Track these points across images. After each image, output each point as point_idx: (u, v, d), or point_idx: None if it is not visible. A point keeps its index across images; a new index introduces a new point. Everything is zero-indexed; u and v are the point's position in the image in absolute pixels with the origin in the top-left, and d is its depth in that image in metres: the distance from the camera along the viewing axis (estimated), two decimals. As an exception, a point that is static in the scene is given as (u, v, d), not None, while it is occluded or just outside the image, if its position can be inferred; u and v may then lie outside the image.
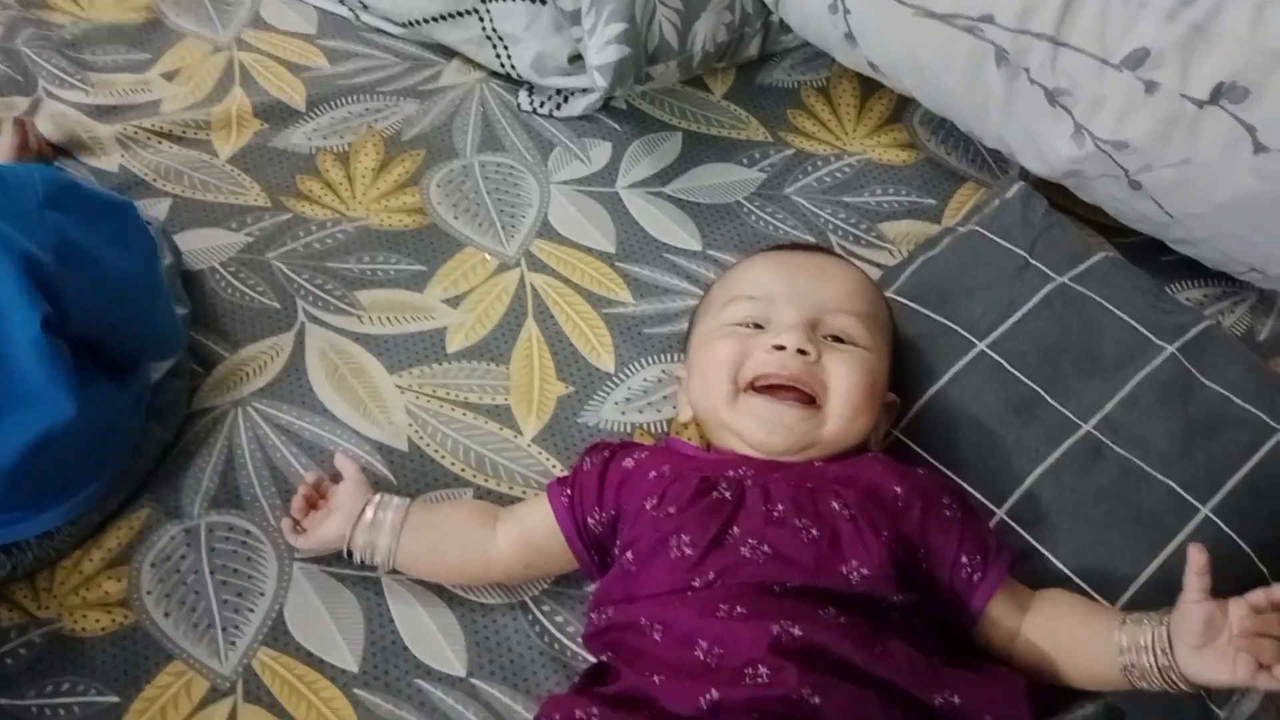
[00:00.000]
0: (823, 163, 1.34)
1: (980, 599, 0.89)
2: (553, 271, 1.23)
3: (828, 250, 1.19)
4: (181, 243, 1.21)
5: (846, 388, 0.96)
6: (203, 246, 1.23)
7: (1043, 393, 1.04)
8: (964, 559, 0.89)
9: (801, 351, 0.95)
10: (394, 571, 1.00)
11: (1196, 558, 0.81)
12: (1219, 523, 0.95)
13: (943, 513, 0.91)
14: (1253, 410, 1.02)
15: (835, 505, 0.89)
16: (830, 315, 0.99)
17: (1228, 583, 0.94)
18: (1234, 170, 1.07)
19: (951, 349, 1.07)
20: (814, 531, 0.87)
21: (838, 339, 0.98)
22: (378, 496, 1.00)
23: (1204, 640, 0.79)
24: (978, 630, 0.90)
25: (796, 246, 1.14)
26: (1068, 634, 0.89)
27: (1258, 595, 0.79)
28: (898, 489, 0.91)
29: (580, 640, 0.97)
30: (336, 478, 1.02)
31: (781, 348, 0.96)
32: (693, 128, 1.38)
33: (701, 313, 1.08)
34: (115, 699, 0.93)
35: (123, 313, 1.01)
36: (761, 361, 0.96)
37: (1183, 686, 0.81)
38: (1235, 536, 0.94)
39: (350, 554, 0.99)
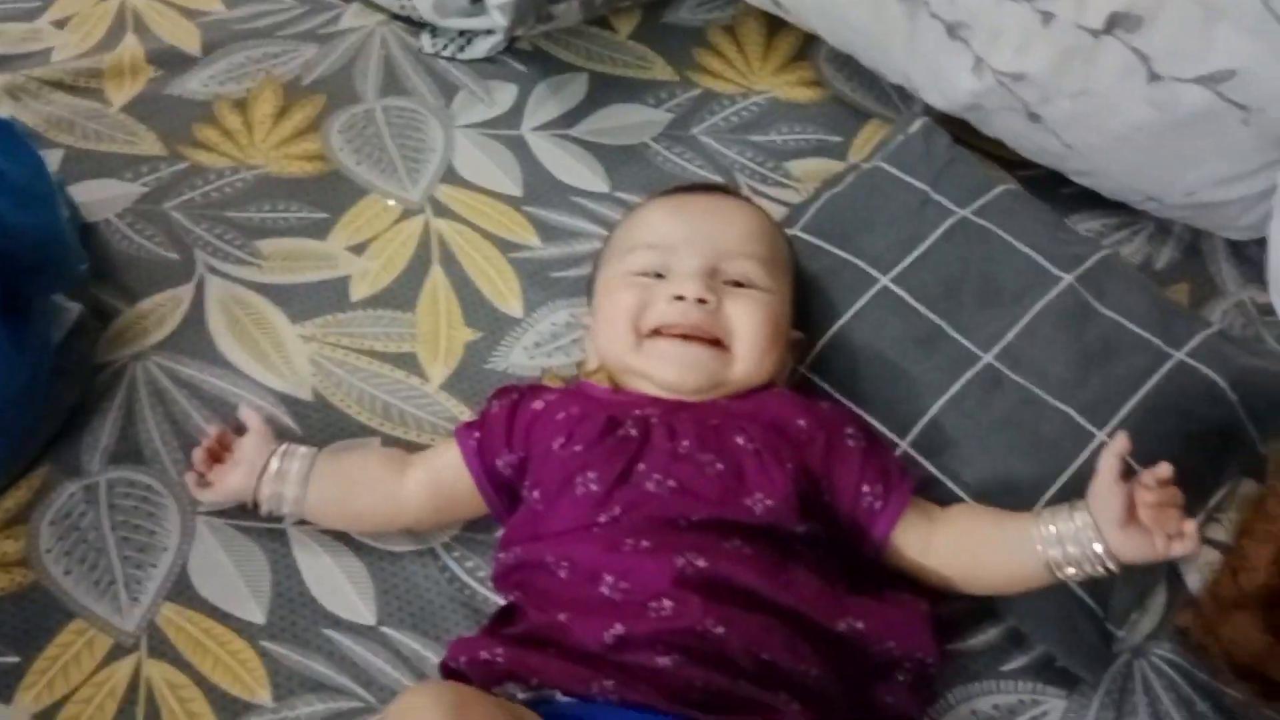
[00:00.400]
0: (729, 102, 1.34)
1: (883, 527, 0.90)
2: (458, 217, 1.21)
3: (726, 190, 1.18)
4: (75, 194, 1.18)
5: (750, 332, 0.96)
6: (97, 198, 1.20)
7: (944, 325, 1.04)
8: (865, 489, 0.90)
9: (702, 300, 0.95)
10: (303, 522, 0.99)
11: (1122, 441, 0.83)
12: (1115, 447, 0.97)
13: (845, 443, 0.92)
14: (1148, 336, 1.03)
15: (740, 440, 0.89)
16: (729, 261, 0.99)
17: (1120, 504, 0.96)
18: (1129, 99, 1.08)
19: (856, 284, 1.08)
20: (719, 465, 0.88)
21: (739, 284, 0.98)
22: (283, 446, 0.98)
23: (1128, 519, 0.81)
24: (886, 555, 0.92)
25: (695, 188, 1.13)
26: (981, 539, 0.90)
27: (1148, 477, 0.82)
28: (802, 422, 0.92)
29: (491, 585, 0.97)
30: (241, 430, 1.01)
31: (682, 298, 0.96)
32: (598, 69, 1.36)
33: (603, 260, 1.07)
34: (15, 659, 0.91)
35: (38, 233, 0.98)
36: (663, 312, 0.96)
37: (1111, 568, 0.83)
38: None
39: (257, 505, 0.98)
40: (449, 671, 0.86)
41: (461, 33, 1.35)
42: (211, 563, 0.97)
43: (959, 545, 0.90)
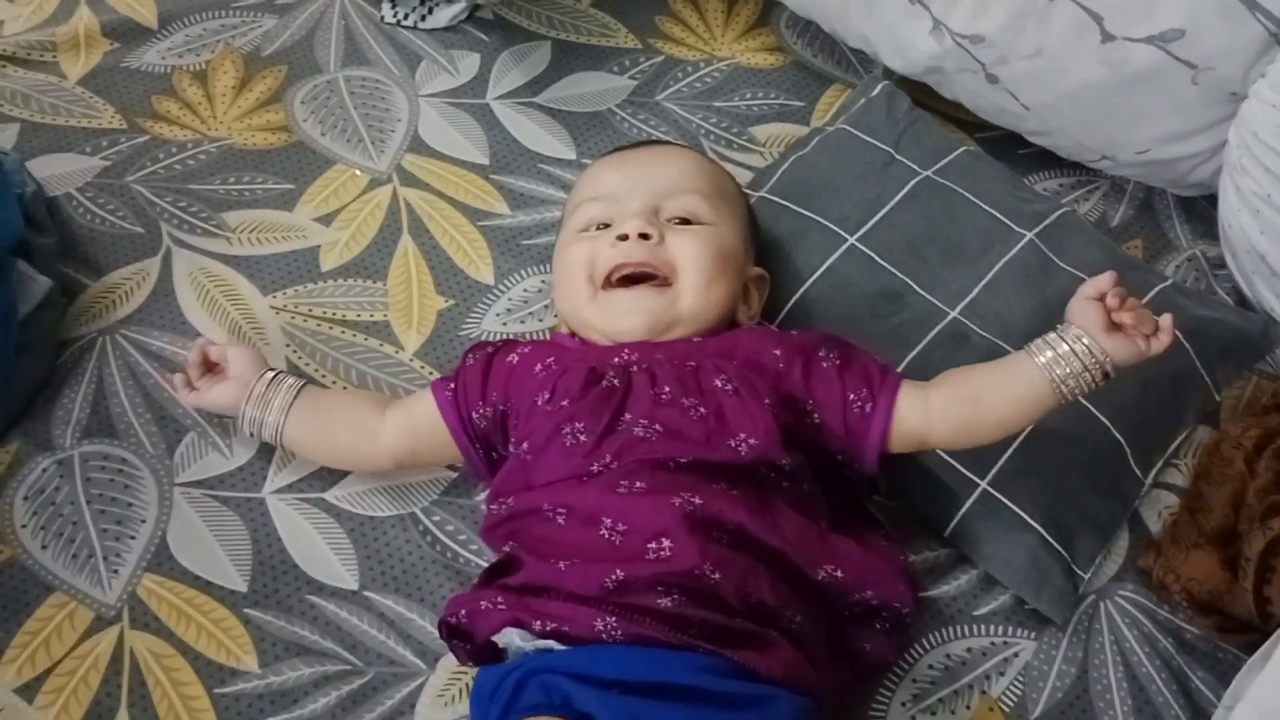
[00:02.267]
0: (692, 69, 1.35)
1: (879, 425, 0.90)
2: (426, 186, 1.21)
3: (667, 141, 1.20)
4: (33, 169, 1.16)
5: (694, 262, 0.97)
6: (56, 172, 1.18)
7: (911, 282, 1.07)
8: (851, 396, 0.91)
9: (644, 236, 0.97)
10: (281, 490, 0.99)
11: (1107, 279, 0.87)
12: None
13: (820, 365, 0.92)
14: (1106, 290, 1.06)
15: (718, 382, 0.90)
16: (669, 199, 1.00)
17: (1084, 449, 0.99)
18: (1083, 59, 1.10)
19: (823, 244, 1.10)
20: (701, 409, 0.89)
21: (683, 220, 1.00)
22: (271, 373, 0.99)
23: (1111, 326, 0.85)
24: (891, 443, 0.91)
25: (637, 144, 1.15)
26: (980, 384, 0.91)
27: (1113, 299, 0.86)
28: (777, 351, 0.93)
29: (473, 548, 0.98)
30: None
31: (625, 237, 0.97)
32: (562, 36, 1.37)
33: (560, 225, 1.08)
34: (-4, 633, 0.91)
35: None
36: (609, 256, 0.98)
37: (1109, 371, 0.86)
38: (1089, 406, 0.99)
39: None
40: (449, 628, 0.87)
41: (423, 1, 1.35)
42: (191, 533, 0.97)
43: (958, 396, 0.91)
